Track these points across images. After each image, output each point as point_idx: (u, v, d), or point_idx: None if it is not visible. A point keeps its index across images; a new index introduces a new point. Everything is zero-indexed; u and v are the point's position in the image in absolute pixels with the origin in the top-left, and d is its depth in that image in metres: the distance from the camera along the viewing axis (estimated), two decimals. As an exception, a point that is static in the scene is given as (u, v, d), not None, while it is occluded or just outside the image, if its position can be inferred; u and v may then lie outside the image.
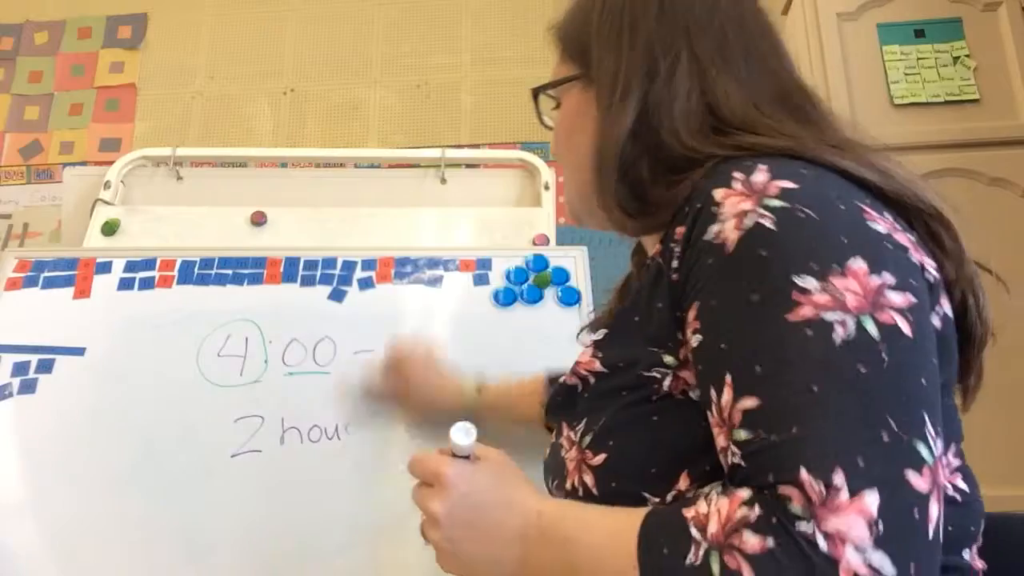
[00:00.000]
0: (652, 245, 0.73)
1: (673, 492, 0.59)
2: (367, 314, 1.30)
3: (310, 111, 2.75)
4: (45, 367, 1.24)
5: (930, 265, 0.60)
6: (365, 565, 1.09)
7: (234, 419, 1.19)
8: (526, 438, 0.92)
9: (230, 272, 1.35)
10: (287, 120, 2.74)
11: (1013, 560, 0.75)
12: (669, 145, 0.67)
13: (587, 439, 0.65)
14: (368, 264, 1.36)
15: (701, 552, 0.48)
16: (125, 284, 1.33)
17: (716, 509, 0.50)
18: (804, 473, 0.46)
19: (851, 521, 0.45)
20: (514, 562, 0.60)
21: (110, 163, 1.80)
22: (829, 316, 0.50)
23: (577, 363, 0.71)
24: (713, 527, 0.49)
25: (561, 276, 1.33)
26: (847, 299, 0.51)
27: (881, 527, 0.44)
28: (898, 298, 0.52)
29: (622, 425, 0.63)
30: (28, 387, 1.22)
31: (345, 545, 1.10)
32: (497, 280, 1.34)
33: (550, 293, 1.31)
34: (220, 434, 1.18)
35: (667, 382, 0.61)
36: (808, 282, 0.52)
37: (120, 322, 1.29)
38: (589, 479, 0.65)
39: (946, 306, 0.61)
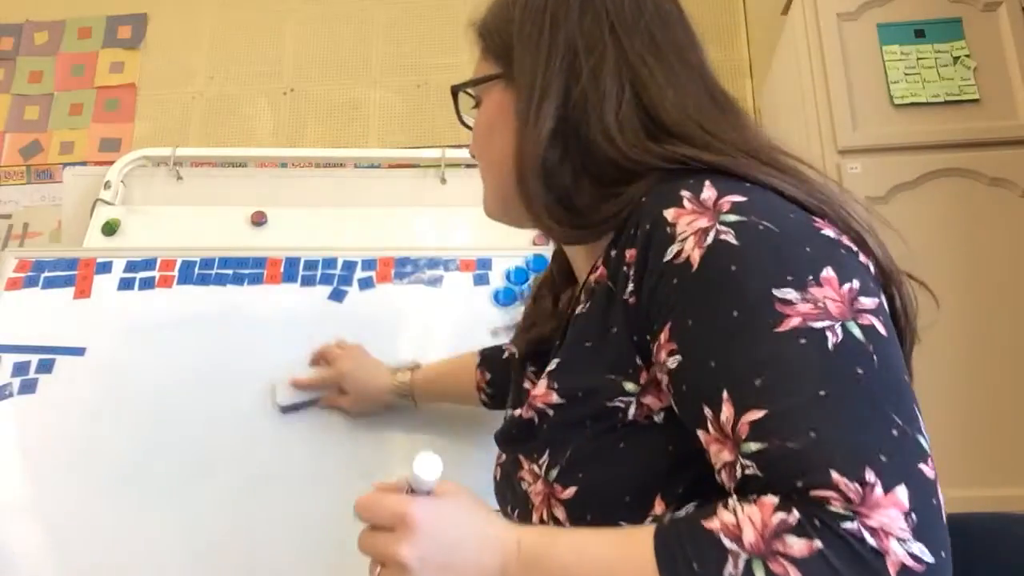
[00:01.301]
0: (587, 259, 0.72)
1: (649, 518, 0.59)
2: (367, 314, 1.30)
3: (310, 111, 2.75)
4: (45, 367, 1.24)
5: (872, 264, 0.61)
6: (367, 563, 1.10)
7: (235, 419, 1.19)
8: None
9: (230, 272, 1.35)
10: (287, 120, 2.74)
11: (1013, 559, 0.75)
12: (599, 147, 0.66)
13: (554, 472, 0.64)
14: (368, 264, 1.36)
15: (741, 562, 0.47)
16: (125, 284, 1.33)
17: (747, 517, 0.49)
18: (836, 474, 0.47)
19: (892, 515, 0.46)
20: None
21: (110, 163, 1.80)
22: (818, 324, 0.52)
23: (533, 396, 0.68)
24: (750, 535, 0.48)
25: (561, 276, 1.33)
26: (829, 307, 0.53)
27: (915, 518, 0.46)
28: (868, 302, 0.54)
29: (590, 457, 0.62)
30: (28, 387, 1.22)
31: (347, 542, 1.10)
32: (497, 280, 1.34)
33: (550, 293, 1.31)
34: (220, 434, 1.18)
35: (632, 410, 0.61)
36: (788, 294, 0.53)
37: (120, 322, 1.29)
38: (560, 513, 0.63)
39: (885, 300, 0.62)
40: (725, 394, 0.52)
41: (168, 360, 1.25)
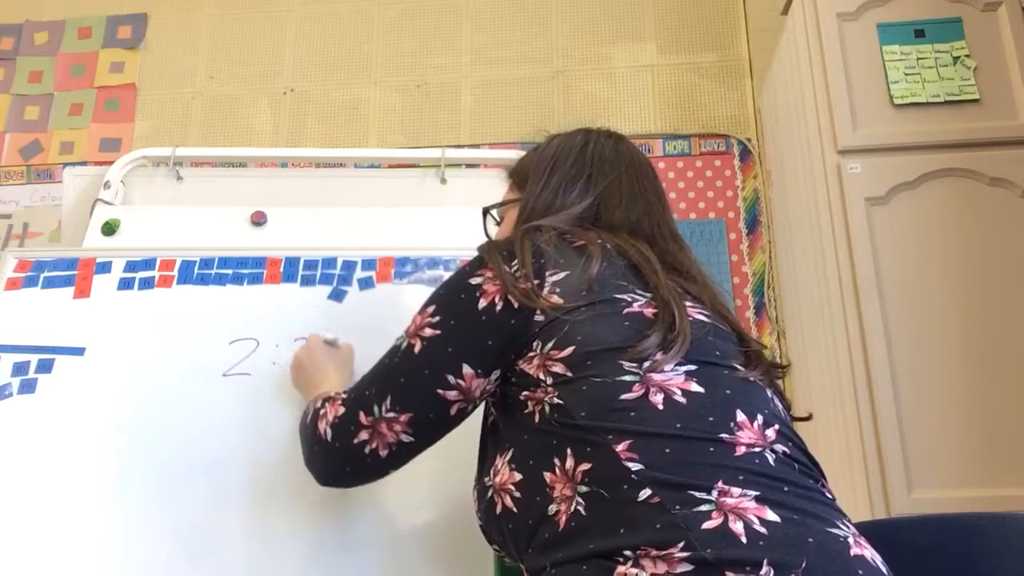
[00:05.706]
0: None
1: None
2: (367, 314, 1.30)
3: (310, 111, 2.75)
4: (45, 367, 1.24)
5: (503, 299, 0.87)
6: (370, 565, 1.09)
7: (236, 419, 1.19)
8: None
9: (230, 272, 1.35)
10: (287, 120, 2.74)
11: (1013, 559, 0.75)
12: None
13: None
14: (368, 264, 1.36)
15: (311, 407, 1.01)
16: (125, 284, 1.33)
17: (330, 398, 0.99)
18: (350, 391, 0.96)
19: (336, 408, 0.94)
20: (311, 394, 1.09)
21: (110, 163, 1.80)
22: (402, 333, 0.93)
23: None
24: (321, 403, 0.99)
25: (561, 276, 1.33)
26: (410, 327, 0.93)
27: (337, 421, 0.93)
28: (428, 331, 0.90)
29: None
30: (28, 387, 1.22)
31: (348, 543, 1.10)
32: (497, 280, 1.34)
33: (550, 293, 1.31)
34: (220, 434, 1.18)
35: None
36: (423, 311, 0.93)
37: (120, 322, 1.29)
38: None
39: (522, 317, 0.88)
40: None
41: (168, 360, 1.25)
